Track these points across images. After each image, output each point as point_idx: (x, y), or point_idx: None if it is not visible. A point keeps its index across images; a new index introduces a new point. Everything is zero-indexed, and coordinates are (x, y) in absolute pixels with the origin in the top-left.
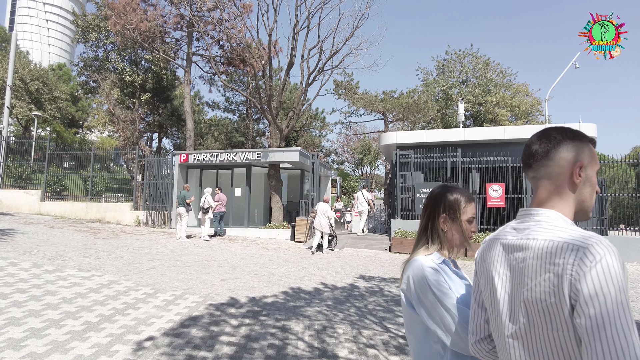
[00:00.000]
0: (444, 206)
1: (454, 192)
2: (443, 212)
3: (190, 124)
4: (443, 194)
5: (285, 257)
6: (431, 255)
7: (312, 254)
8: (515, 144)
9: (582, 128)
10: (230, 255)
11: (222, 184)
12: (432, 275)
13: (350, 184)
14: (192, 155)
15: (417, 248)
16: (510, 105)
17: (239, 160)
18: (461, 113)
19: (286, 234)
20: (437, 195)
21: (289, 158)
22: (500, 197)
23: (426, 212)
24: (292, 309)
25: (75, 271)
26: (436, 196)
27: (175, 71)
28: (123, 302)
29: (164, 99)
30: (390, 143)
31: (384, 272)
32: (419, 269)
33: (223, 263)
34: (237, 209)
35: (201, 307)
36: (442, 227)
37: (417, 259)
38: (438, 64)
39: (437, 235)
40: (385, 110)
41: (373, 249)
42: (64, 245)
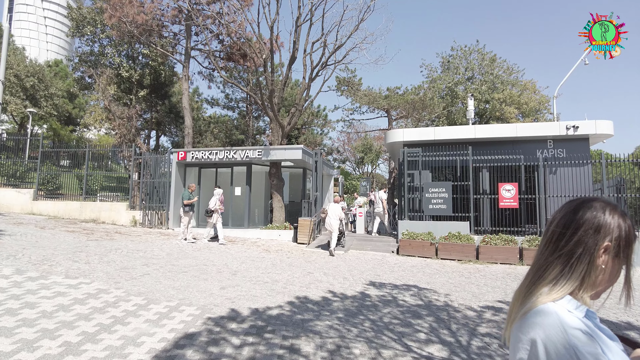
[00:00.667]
0: (613, 233)
1: (626, 216)
2: (608, 240)
3: (188, 120)
4: (612, 212)
5: (288, 261)
6: (564, 303)
7: (330, 256)
8: (527, 141)
9: (598, 125)
10: (230, 259)
11: (222, 183)
12: (585, 345)
13: (351, 183)
14: (190, 153)
15: (536, 284)
16: (518, 103)
17: (239, 159)
18: (471, 110)
19: (288, 235)
20: (599, 213)
21: (291, 156)
22: (514, 198)
23: (569, 232)
24: (300, 323)
25: (62, 278)
26: (598, 214)
27: (174, 67)
28: (111, 315)
29: (162, 96)
30: (396, 141)
31: (394, 277)
32: (558, 330)
33: (222, 268)
34: (237, 209)
35: (198, 321)
36: (598, 262)
37: (549, 309)
38: (443, 60)
39: (585, 271)
40: (390, 107)
41: (380, 251)
42: (53, 248)
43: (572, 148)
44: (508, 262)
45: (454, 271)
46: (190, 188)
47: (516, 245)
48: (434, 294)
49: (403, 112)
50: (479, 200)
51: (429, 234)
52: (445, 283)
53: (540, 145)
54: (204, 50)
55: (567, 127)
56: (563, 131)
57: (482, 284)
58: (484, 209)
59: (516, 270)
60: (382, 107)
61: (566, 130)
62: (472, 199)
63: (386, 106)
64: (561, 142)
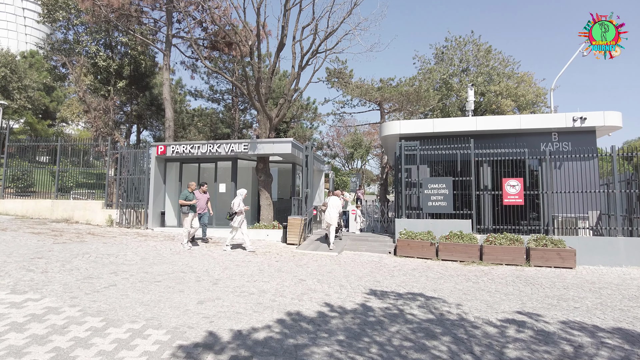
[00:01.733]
0: None
1: None
2: None
3: (169, 113)
4: None
5: (277, 265)
6: None
7: (330, 251)
8: (531, 134)
9: (606, 117)
10: (212, 264)
11: (206, 179)
12: None
13: (341, 179)
14: (170, 147)
15: None
16: (514, 95)
17: (224, 153)
18: (471, 101)
19: (277, 235)
20: None
21: (280, 150)
22: (519, 194)
23: None
24: (293, 350)
25: (5, 294)
26: None
27: (155, 57)
28: (53, 348)
29: (143, 87)
30: (392, 133)
31: (396, 284)
32: None
33: (202, 275)
34: (222, 207)
35: (166, 352)
36: None
37: None
38: (437, 51)
39: None
40: (383, 100)
41: (376, 252)
42: (7, 255)
43: (578, 141)
44: (514, 263)
45: (458, 274)
46: (190, 187)
47: (522, 245)
48: (444, 305)
49: (396, 104)
50: (481, 197)
51: (429, 234)
52: (453, 290)
53: (544, 138)
54: (187, 38)
55: (574, 119)
56: (570, 123)
57: (494, 290)
58: (486, 206)
59: (524, 272)
60: (374, 100)
61: (573, 122)
62: (474, 195)
63: (379, 98)
64: (566, 134)
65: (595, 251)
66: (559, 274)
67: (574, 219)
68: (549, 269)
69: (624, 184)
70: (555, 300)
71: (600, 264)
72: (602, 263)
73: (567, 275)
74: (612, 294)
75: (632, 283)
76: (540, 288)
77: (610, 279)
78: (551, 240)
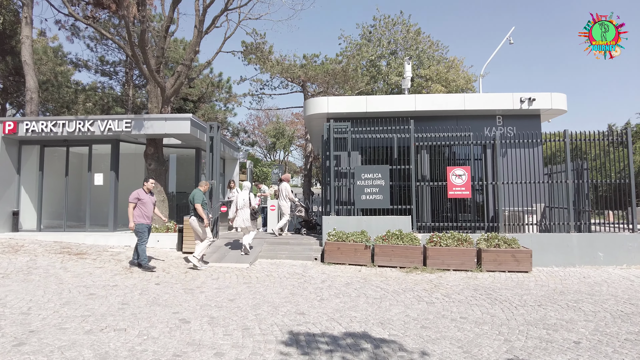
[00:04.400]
0: None
1: None
2: None
3: (31, 81)
4: None
5: (154, 292)
6: None
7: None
8: (474, 117)
9: (553, 99)
10: (50, 293)
11: (77, 167)
12: None
13: (262, 170)
14: (23, 124)
15: None
16: (445, 80)
17: (99, 132)
18: (408, 77)
19: (171, 240)
20: None
21: (176, 129)
22: (465, 185)
23: None
24: None
25: None
26: None
27: (19, 11)
28: None
29: (3, 51)
30: (319, 112)
31: (327, 316)
32: None
33: (14, 320)
34: (98, 205)
35: None
36: None
37: None
38: (364, 31)
39: None
40: (306, 79)
41: (299, 259)
42: None
43: (523, 125)
44: (463, 268)
45: (404, 290)
46: (203, 186)
47: (472, 245)
48: (403, 356)
49: (321, 86)
50: (421, 189)
51: (363, 234)
52: (407, 320)
53: (488, 122)
54: None
55: (522, 100)
56: (517, 105)
57: (458, 316)
58: (427, 199)
59: (478, 280)
60: (297, 79)
61: (520, 103)
62: (414, 186)
63: (302, 77)
64: (511, 118)
65: (548, 250)
66: (518, 281)
67: (520, 213)
68: (504, 274)
69: (574, 173)
70: (544, 331)
71: (553, 265)
72: (554, 263)
73: (527, 282)
74: (597, 311)
75: (601, 290)
76: (512, 307)
77: (575, 285)
78: (504, 240)
